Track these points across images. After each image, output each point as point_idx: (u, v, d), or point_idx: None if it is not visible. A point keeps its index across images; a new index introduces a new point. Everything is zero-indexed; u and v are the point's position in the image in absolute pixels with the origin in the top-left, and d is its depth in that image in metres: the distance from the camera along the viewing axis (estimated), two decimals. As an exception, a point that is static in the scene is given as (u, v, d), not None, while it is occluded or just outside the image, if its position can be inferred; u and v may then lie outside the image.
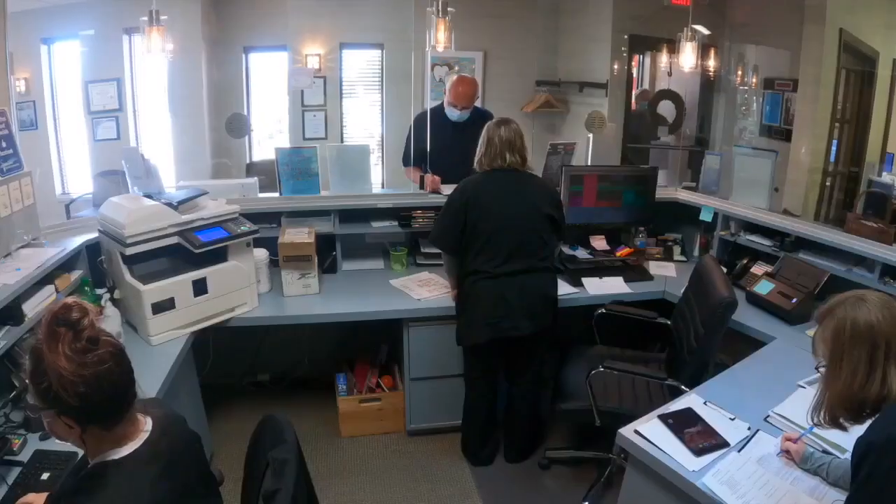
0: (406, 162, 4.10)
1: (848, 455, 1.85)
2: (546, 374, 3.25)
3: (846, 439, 1.89)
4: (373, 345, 3.74)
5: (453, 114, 3.82)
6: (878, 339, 1.47)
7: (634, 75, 5.46)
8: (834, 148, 4.12)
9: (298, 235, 3.28)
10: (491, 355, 3.09)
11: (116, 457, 1.40)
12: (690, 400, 2.25)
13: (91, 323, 1.34)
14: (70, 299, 1.38)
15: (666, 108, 5.19)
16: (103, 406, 1.36)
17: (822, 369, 1.58)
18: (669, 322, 3.09)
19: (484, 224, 2.91)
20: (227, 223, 2.92)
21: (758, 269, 3.38)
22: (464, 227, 2.94)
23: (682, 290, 3.11)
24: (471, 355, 3.14)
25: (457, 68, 5.75)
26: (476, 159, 3.03)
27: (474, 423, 3.27)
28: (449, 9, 3.55)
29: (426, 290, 3.37)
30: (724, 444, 2.00)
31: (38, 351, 1.31)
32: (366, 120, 6.11)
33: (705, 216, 3.72)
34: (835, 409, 1.52)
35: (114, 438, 1.41)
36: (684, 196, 3.94)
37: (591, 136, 4.44)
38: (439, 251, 3.18)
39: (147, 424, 1.48)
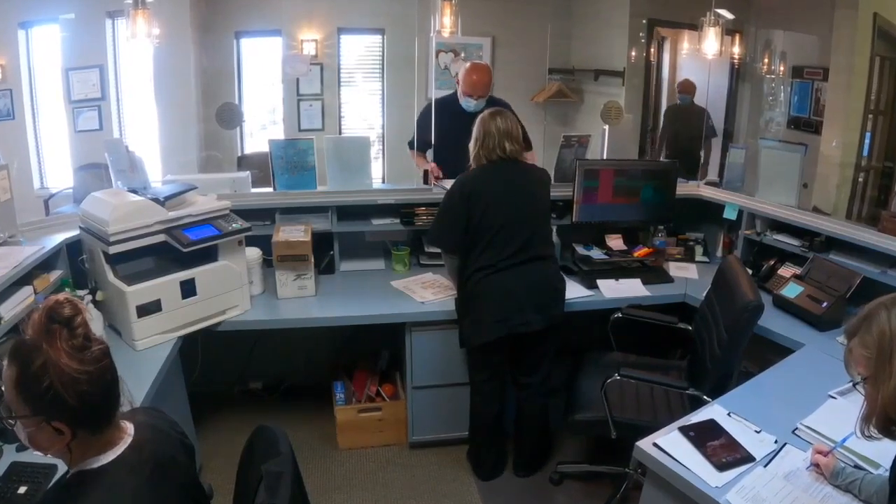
0: (412, 146, 4.11)
1: (881, 471, 1.85)
2: (557, 381, 3.25)
3: (880, 454, 1.89)
4: (373, 351, 3.75)
5: (469, 104, 3.80)
6: None
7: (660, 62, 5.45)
8: (867, 141, 4.10)
9: (294, 233, 3.28)
10: (498, 356, 3.10)
11: (96, 465, 1.41)
12: (713, 411, 2.25)
13: (84, 320, 1.37)
14: (61, 296, 1.40)
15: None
16: (99, 407, 1.39)
17: (860, 386, 1.59)
18: (690, 327, 3.09)
19: (489, 219, 2.93)
20: (217, 220, 2.92)
21: (785, 270, 3.37)
22: (467, 224, 2.96)
23: (704, 294, 3.11)
24: (476, 357, 3.15)
25: (462, 55, 5.75)
26: (472, 154, 3.06)
27: (481, 430, 3.28)
28: (455, -9, 3.55)
29: (430, 292, 3.37)
30: (749, 458, 2.00)
31: (30, 350, 1.32)
32: (365, 110, 6.12)
33: (729, 214, 3.71)
34: (889, 410, 1.52)
35: (99, 445, 1.42)
36: (707, 192, 3.94)
37: (606, 127, 4.44)
38: (439, 252, 3.20)
39: (130, 430, 1.50)
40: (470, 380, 3.24)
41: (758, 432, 2.12)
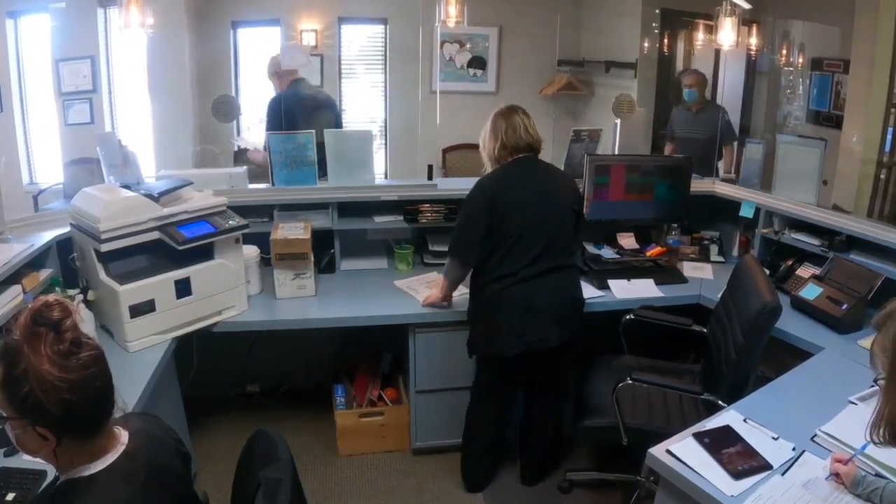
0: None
1: (904, 479, 1.85)
2: (567, 386, 3.24)
3: (903, 462, 1.89)
4: (375, 353, 3.75)
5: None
6: None
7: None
8: (889, 136, 4.09)
9: (293, 231, 3.29)
10: (513, 370, 3.05)
11: (87, 473, 1.41)
12: (728, 417, 2.24)
13: (74, 324, 1.35)
14: (51, 297, 1.39)
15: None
16: (85, 415, 1.37)
17: (880, 382, 1.57)
18: (705, 330, 3.08)
19: (511, 223, 2.87)
20: (213, 217, 2.93)
21: (804, 271, 3.36)
22: (488, 230, 2.89)
23: (719, 295, 3.10)
24: (490, 368, 3.09)
25: (468, 46, 5.75)
26: (494, 154, 2.99)
27: (478, 442, 3.25)
28: (461, -21, 3.56)
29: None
30: (765, 466, 2.00)
31: (15, 353, 1.31)
32: (367, 103, 6.12)
33: (746, 212, 3.71)
34: (893, 422, 1.51)
35: (90, 452, 1.42)
36: (722, 189, 3.93)
37: (618, 121, 4.43)
38: (445, 251, 3.18)
39: (124, 437, 1.49)
40: (474, 389, 3.20)
41: (775, 439, 2.12)
